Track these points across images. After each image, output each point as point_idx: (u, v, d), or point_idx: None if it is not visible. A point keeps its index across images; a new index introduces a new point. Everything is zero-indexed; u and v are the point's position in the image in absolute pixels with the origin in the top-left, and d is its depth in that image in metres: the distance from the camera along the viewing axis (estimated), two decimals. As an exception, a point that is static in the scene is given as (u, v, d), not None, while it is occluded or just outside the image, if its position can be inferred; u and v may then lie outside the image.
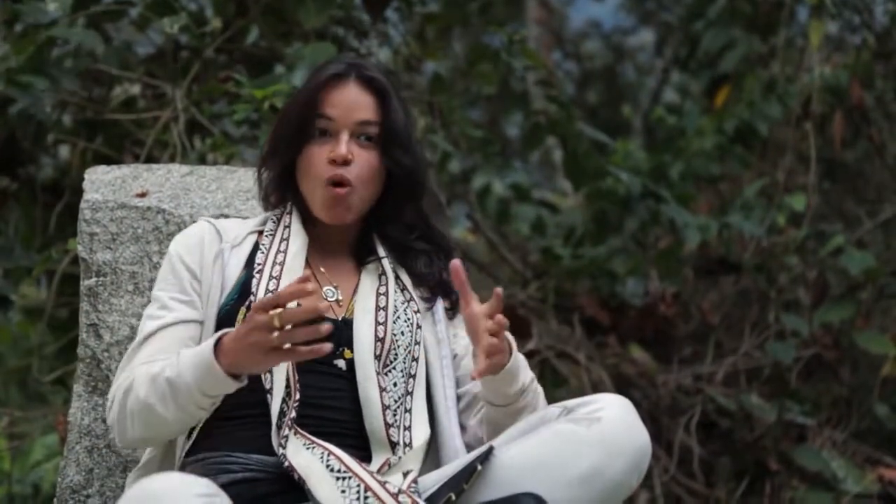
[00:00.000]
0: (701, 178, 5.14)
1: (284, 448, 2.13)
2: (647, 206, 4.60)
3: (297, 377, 2.17)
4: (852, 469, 4.18)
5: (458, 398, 2.33)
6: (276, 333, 1.96)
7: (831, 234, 4.66)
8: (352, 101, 2.27)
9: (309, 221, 2.34)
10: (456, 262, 2.12)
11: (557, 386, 4.51)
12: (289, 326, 1.97)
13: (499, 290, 2.10)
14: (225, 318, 2.24)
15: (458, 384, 2.34)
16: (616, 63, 8.80)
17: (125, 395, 2.16)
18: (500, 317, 2.09)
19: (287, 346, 1.96)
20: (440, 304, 2.37)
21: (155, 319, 2.24)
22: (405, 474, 2.16)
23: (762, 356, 4.62)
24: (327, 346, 1.96)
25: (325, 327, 1.96)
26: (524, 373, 2.21)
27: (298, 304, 1.98)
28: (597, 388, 4.34)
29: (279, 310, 1.96)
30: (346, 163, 2.25)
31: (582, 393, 4.15)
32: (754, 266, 4.80)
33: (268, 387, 2.17)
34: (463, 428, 2.30)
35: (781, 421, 4.39)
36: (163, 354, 2.19)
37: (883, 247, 5.13)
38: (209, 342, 2.06)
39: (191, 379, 2.06)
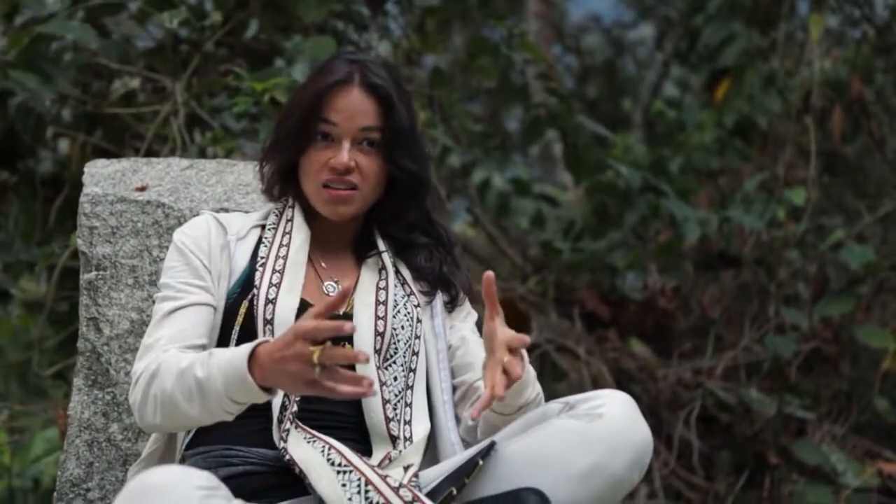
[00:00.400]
0: (701, 171, 5.14)
1: (285, 442, 2.13)
2: (646, 200, 4.60)
3: None
4: (852, 463, 4.19)
5: (454, 389, 2.33)
6: (318, 370, 1.93)
7: (831, 229, 4.67)
8: (355, 108, 2.26)
9: (310, 215, 2.34)
10: (489, 275, 2.10)
11: (557, 380, 4.51)
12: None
13: (489, 273, 2.08)
14: (229, 310, 2.24)
15: (452, 374, 2.34)
16: (616, 57, 8.79)
17: (150, 380, 2.13)
18: (521, 337, 2.07)
19: (328, 383, 1.93)
20: (439, 298, 2.37)
21: (172, 300, 2.23)
22: (406, 468, 2.16)
23: (762, 350, 4.62)
24: (372, 391, 1.94)
25: (367, 381, 1.92)
26: (532, 387, 2.21)
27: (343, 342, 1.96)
28: (597, 382, 4.34)
29: (319, 347, 1.92)
30: (347, 171, 2.25)
31: (582, 387, 4.15)
32: (754, 260, 4.80)
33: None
34: (457, 419, 2.30)
35: (781, 415, 4.39)
36: (186, 336, 2.18)
37: (882, 241, 5.13)
38: (243, 352, 2.01)
39: (221, 385, 2.02)
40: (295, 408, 2.16)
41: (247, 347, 2.01)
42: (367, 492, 2.03)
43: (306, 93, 2.30)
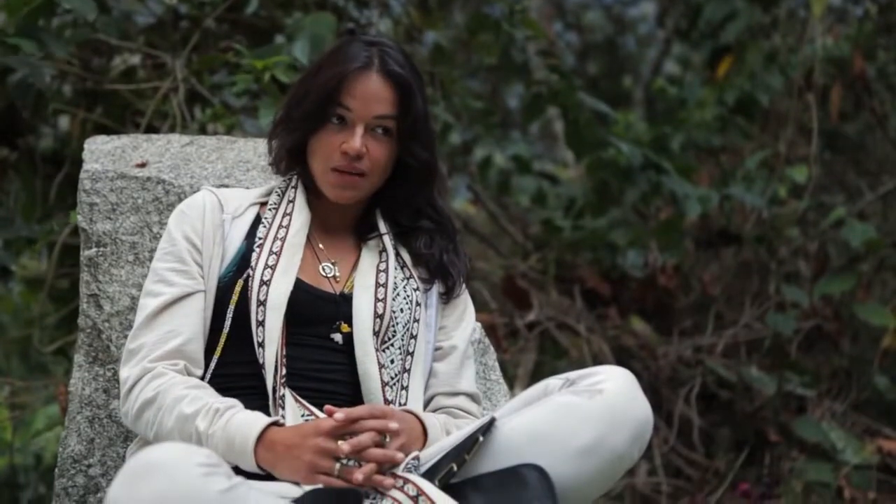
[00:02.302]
0: (702, 149, 5.14)
1: (284, 420, 2.14)
2: (647, 178, 4.59)
3: (284, 352, 2.18)
4: (851, 440, 4.19)
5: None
6: (338, 465, 2.01)
7: (832, 206, 4.66)
8: (372, 95, 2.25)
9: (313, 195, 2.33)
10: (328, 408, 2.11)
11: (558, 357, 4.52)
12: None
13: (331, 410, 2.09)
14: (223, 289, 2.24)
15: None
16: (617, 34, 8.76)
17: (145, 405, 2.15)
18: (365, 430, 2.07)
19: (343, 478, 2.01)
20: (435, 289, 2.36)
21: (155, 297, 2.24)
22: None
23: (762, 328, 4.63)
24: (388, 482, 2.01)
25: (388, 482, 2.01)
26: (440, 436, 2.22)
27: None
28: (597, 359, 4.35)
29: (350, 443, 2.01)
30: (358, 157, 2.25)
31: (582, 364, 4.16)
32: (755, 238, 4.80)
33: (261, 361, 2.18)
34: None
35: (781, 392, 4.40)
36: (172, 336, 2.20)
37: (883, 219, 5.13)
38: (253, 430, 2.05)
39: (221, 449, 2.05)
40: (282, 391, 2.16)
41: (256, 426, 2.05)
42: None
43: (324, 75, 2.28)
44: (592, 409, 2.07)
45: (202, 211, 2.29)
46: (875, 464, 4.15)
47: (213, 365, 2.23)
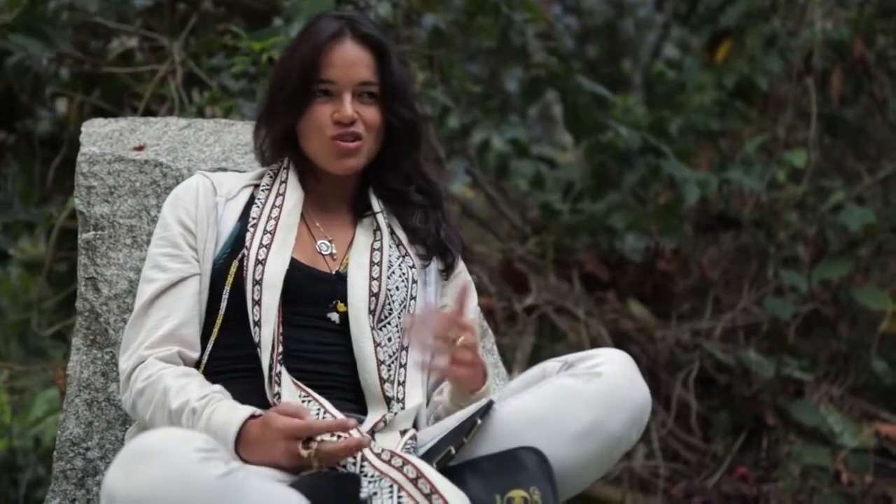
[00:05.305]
0: (701, 133, 5.13)
1: (280, 401, 2.14)
2: (646, 162, 4.59)
3: (280, 330, 2.18)
4: (849, 424, 4.20)
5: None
6: (315, 462, 2.01)
7: (831, 191, 4.66)
8: (350, 62, 2.27)
9: (306, 175, 2.34)
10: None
11: (556, 341, 4.52)
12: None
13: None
14: (218, 271, 2.25)
15: None
16: (616, 18, 8.73)
17: (138, 397, 2.17)
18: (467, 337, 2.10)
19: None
20: (434, 266, 2.36)
21: (151, 283, 2.24)
22: (402, 433, 2.17)
23: (761, 312, 4.63)
24: (365, 440, 2.01)
25: (365, 440, 2.01)
26: (487, 396, 2.22)
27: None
28: (595, 343, 4.35)
29: (315, 447, 2.01)
30: (352, 123, 2.26)
31: (580, 348, 4.15)
32: (754, 222, 4.80)
33: (257, 340, 2.18)
34: (427, 399, 2.31)
35: (779, 376, 4.40)
36: (167, 322, 2.20)
37: (882, 203, 5.12)
38: (234, 426, 2.05)
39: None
40: (279, 369, 2.16)
41: (238, 418, 2.05)
42: (361, 461, 2.04)
43: (299, 54, 2.29)
44: (590, 392, 2.07)
45: (195, 194, 2.30)
46: (872, 447, 4.16)
47: (209, 347, 2.23)
